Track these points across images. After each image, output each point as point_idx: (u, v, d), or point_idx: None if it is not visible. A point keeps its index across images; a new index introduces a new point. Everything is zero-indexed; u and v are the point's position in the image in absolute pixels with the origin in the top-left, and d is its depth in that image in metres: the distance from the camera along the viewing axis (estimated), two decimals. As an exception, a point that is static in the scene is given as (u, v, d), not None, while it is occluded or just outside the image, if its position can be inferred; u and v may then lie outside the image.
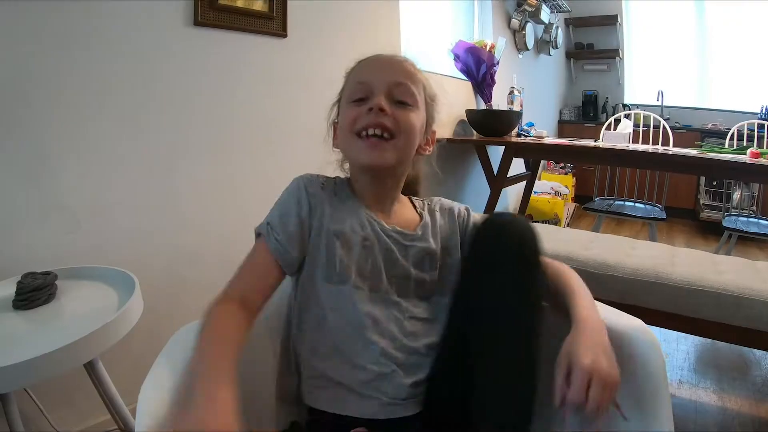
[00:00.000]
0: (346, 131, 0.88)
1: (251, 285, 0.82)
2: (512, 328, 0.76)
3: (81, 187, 1.36)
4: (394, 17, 2.58)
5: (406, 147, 0.88)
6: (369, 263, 0.86)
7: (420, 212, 0.98)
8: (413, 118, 0.88)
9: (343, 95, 0.93)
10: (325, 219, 0.86)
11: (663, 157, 2.48)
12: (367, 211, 0.90)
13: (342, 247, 0.84)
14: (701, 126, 5.10)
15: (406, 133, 0.87)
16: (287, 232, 0.84)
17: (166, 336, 0.80)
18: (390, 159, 0.86)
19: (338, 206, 0.89)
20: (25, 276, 1.06)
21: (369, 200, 0.93)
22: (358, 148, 0.87)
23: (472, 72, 3.33)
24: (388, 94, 0.86)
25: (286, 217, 0.86)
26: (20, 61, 1.21)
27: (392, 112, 0.85)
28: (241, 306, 0.77)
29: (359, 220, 0.88)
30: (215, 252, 1.73)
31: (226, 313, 0.75)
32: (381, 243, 0.87)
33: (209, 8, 1.60)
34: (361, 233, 0.86)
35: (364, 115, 0.85)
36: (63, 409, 1.35)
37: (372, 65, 0.92)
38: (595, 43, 5.87)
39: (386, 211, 0.94)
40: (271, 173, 1.89)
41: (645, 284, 1.63)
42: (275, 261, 0.84)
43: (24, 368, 0.80)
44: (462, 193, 3.54)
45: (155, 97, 1.51)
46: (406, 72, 0.90)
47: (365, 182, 0.93)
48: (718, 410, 1.79)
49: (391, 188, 0.94)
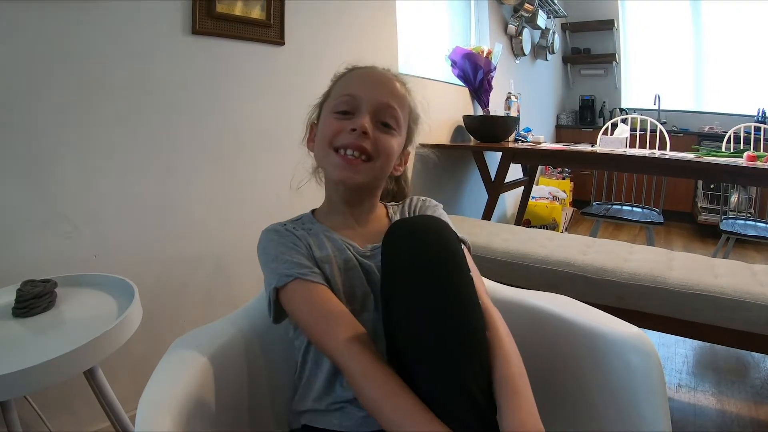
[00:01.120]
0: (324, 142, 0.87)
1: (334, 313, 0.76)
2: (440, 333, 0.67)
3: (80, 194, 1.36)
4: (391, 24, 2.59)
5: (381, 170, 0.88)
6: (354, 286, 0.84)
7: (391, 217, 0.97)
8: (393, 144, 0.87)
9: (329, 101, 0.91)
10: (312, 251, 0.85)
11: (660, 161, 2.49)
12: (341, 237, 0.89)
13: (330, 272, 0.83)
14: (698, 129, 5.13)
15: (384, 157, 0.86)
16: (307, 264, 0.81)
17: (165, 343, 0.81)
18: (362, 179, 0.86)
19: (315, 240, 0.87)
20: (25, 284, 1.06)
21: (343, 219, 0.92)
22: (333, 163, 0.85)
23: (469, 78, 3.35)
24: (373, 114, 0.85)
25: (295, 255, 0.82)
26: (21, 68, 1.22)
27: (374, 135, 0.84)
28: (357, 343, 0.71)
29: (337, 246, 0.86)
30: (215, 259, 1.74)
31: (366, 366, 0.69)
32: (362, 264, 0.86)
33: (207, 16, 1.61)
34: (342, 257, 0.85)
35: (346, 134, 0.84)
36: (63, 416, 1.35)
37: (363, 79, 0.90)
38: (591, 48, 5.90)
39: (361, 225, 0.93)
40: (269, 180, 1.89)
41: (642, 289, 1.64)
42: (324, 285, 0.80)
43: (24, 376, 0.80)
44: (460, 199, 3.55)
45: (154, 104, 1.51)
46: (395, 94, 0.88)
47: (340, 192, 0.91)
48: (717, 413, 1.79)
49: (365, 198, 0.93)
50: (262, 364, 0.92)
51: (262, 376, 0.92)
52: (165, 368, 0.75)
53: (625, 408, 0.79)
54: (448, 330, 0.66)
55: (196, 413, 0.70)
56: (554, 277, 1.79)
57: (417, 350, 0.67)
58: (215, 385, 0.79)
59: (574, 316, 0.94)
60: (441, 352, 0.65)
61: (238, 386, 0.86)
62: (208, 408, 0.75)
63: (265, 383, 0.92)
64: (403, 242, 0.72)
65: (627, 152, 2.71)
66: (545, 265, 1.81)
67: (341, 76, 0.93)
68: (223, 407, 0.80)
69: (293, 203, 1.21)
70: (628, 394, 0.79)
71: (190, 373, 0.75)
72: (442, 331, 0.66)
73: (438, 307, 0.67)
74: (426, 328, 0.67)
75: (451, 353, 0.66)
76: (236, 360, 0.87)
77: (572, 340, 0.92)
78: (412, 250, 0.71)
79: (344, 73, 0.94)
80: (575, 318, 0.93)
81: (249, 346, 0.90)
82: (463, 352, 0.66)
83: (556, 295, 1.04)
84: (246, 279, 1.84)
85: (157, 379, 0.72)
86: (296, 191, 1.00)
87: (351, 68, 0.94)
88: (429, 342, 0.66)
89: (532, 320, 0.89)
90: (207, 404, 0.75)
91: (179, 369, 0.75)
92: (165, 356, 0.78)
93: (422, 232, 0.72)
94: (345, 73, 0.93)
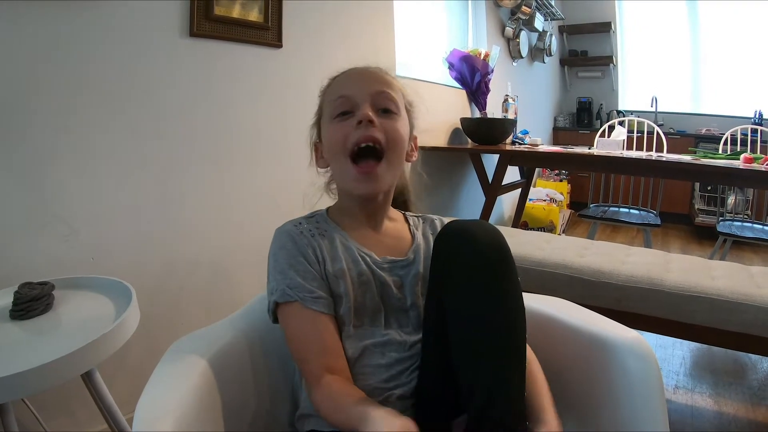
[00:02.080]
0: (336, 151, 0.86)
1: (327, 352, 0.79)
2: (491, 336, 0.72)
3: (77, 196, 1.36)
4: (388, 27, 2.60)
5: (397, 162, 0.88)
6: (367, 299, 0.85)
7: (413, 231, 0.96)
8: (400, 127, 0.88)
9: (324, 113, 0.91)
10: (326, 264, 0.84)
11: (657, 163, 2.49)
12: (358, 245, 0.88)
13: (344, 287, 0.83)
14: (695, 131, 5.14)
15: (396, 144, 0.86)
16: (313, 284, 0.82)
17: (163, 345, 0.81)
18: (385, 185, 0.87)
19: (329, 247, 0.86)
20: (22, 286, 1.06)
21: (359, 223, 0.92)
22: (353, 177, 0.85)
23: (467, 80, 3.35)
24: (372, 104, 0.86)
25: (301, 270, 0.82)
26: (18, 70, 1.22)
27: (379, 122, 0.85)
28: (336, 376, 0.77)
29: (352, 257, 0.86)
30: (212, 261, 1.74)
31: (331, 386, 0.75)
32: (376, 277, 0.86)
33: (205, 19, 1.61)
34: (356, 269, 0.85)
35: (354, 131, 0.84)
36: (60, 418, 1.35)
37: (350, 78, 0.91)
38: (589, 50, 5.91)
39: (378, 231, 0.93)
40: (267, 182, 1.90)
41: (640, 291, 1.64)
42: (324, 314, 0.81)
43: (21, 379, 0.80)
44: (457, 202, 3.55)
45: (151, 107, 1.51)
46: (384, 80, 0.90)
47: (355, 204, 0.91)
48: (715, 414, 1.79)
49: (382, 204, 0.93)
50: (261, 367, 0.92)
51: (261, 378, 0.92)
52: (163, 371, 0.75)
53: (623, 411, 0.79)
54: (500, 338, 0.71)
55: (194, 416, 0.70)
56: (551, 280, 1.79)
57: (467, 348, 0.72)
58: (213, 387, 0.79)
59: (571, 320, 0.94)
60: (490, 355, 0.70)
61: (237, 388, 0.86)
62: (207, 410, 0.75)
63: (264, 385, 0.92)
64: (461, 244, 0.76)
65: (624, 154, 2.72)
66: (542, 268, 1.82)
67: (327, 88, 0.94)
68: (221, 410, 0.80)
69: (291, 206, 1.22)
70: (626, 398, 0.79)
71: (188, 375, 0.75)
72: (494, 338, 0.71)
73: (492, 314, 0.72)
74: (475, 334, 0.72)
75: (500, 357, 0.70)
76: (235, 362, 0.87)
77: (570, 344, 0.92)
78: (467, 252, 0.74)
79: (329, 83, 0.94)
80: (573, 321, 0.94)
81: (248, 348, 0.90)
82: (511, 357, 0.71)
83: (554, 298, 1.04)
84: (244, 281, 1.84)
85: (155, 381, 0.72)
86: (294, 194, 1.00)
87: (334, 77, 0.95)
88: (480, 345, 0.71)
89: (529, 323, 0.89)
90: (205, 407, 0.75)
91: (177, 371, 0.75)
92: (163, 359, 0.78)
93: (482, 235, 0.75)
94: (330, 82, 0.94)
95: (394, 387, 0.81)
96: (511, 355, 0.71)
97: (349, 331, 0.83)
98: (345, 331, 0.83)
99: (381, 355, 0.83)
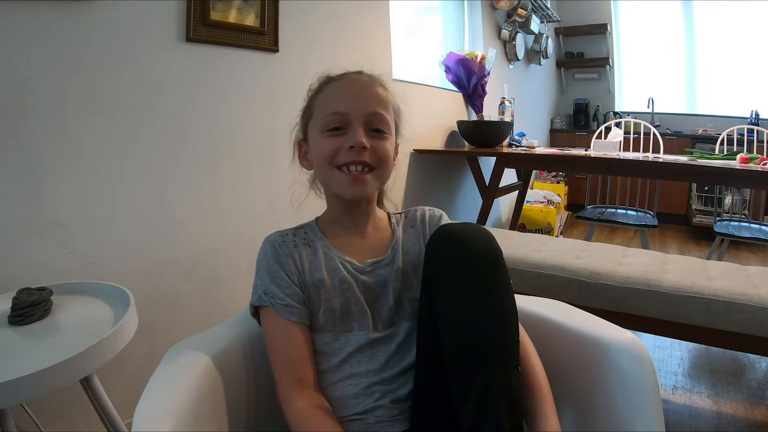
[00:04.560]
0: (323, 163, 0.87)
1: (294, 362, 0.82)
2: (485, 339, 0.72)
3: (75, 201, 1.36)
4: (385, 30, 2.61)
5: (384, 175, 0.90)
6: (352, 304, 0.86)
7: (394, 228, 0.97)
8: (389, 147, 0.88)
9: (314, 121, 0.90)
10: (305, 274, 0.86)
11: (653, 164, 2.50)
12: (339, 254, 0.90)
13: (324, 296, 0.85)
14: (692, 132, 5.16)
15: (385, 161, 0.88)
16: (286, 292, 0.84)
17: (162, 350, 0.81)
18: (371, 191, 0.88)
19: (311, 257, 0.88)
20: (21, 291, 1.06)
21: (344, 230, 0.93)
22: (339, 181, 0.86)
23: (463, 83, 3.36)
24: (365, 125, 0.85)
25: (277, 278, 0.85)
26: (14, 76, 1.22)
27: (371, 144, 0.85)
28: (303, 388, 0.80)
29: (333, 266, 0.88)
30: (210, 265, 1.74)
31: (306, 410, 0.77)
32: (359, 282, 0.87)
33: (201, 24, 1.62)
34: (338, 277, 0.87)
35: (345, 152, 0.84)
36: (59, 423, 1.35)
37: (345, 93, 0.88)
38: (585, 52, 5.93)
39: (363, 235, 0.94)
40: (264, 187, 1.90)
41: (637, 292, 1.65)
42: (294, 323, 0.83)
43: (20, 384, 0.80)
44: (454, 204, 3.56)
45: (148, 112, 1.52)
46: (379, 100, 0.88)
47: (341, 210, 0.93)
48: (713, 415, 1.79)
49: (365, 209, 0.94)
50: (259, 370, 0.92)
51: (258, 381, 0.92)
52: (162, 375, 0.75)
53: (619, 412, 0.79)
54: (489, 342, 0.72)
55: (193, 420, 0.70)
56: (549, 282, 1.80)
57: (457, 353, 0.73)
58: (211, 390, 0.79)
59: (566, 322, 0.95)
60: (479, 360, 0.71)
61: (235, 391, 0.86)
62: (205, 413, 0.76)
63: (262, 388, 0.92)
64: (450, 247, 0.77)
65: (621, 156, 2.72)
66: (540, 270, 1.82)
67: (318, 91, 0.93)
68: (219, 413, 0.80)
69: (287, 210, 1.22)
70: (622, 399, 0.80)
71: (187, 379, 0.75)
72: (482, 343, 0.71)
73: (481, 318, 0.72)
74: (468, 336, 0.72)
75: (490, 362, 0.71)
76: (232, 365, 0.87)
77: (565, 346, 0.93)
78: (456, 256, 0.75)
79: (321, 87, 0.93)
80: (570, 323, 0.94)
81: (245, 351, 0.90)
82: (501, 361, 0.71)
83: (548, 300, 1.05)
84: (241, 286, 1.84)
85: (153, 386, 0.72)
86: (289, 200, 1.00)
87: (325, 80, 0.94)
88: (470, 350, 0.72)
89: (526, 325, 0.90)
90: (203, 410, 0.75)
91: (176, 376, 0.75)
92: (161, 363, 0.78)
93: (471, 238, 0.76)
94: (322, 87, 0.93)
95: (385, 391, 0.82)
96: (502, 359, 0.71)
97: (335, 336, 0.85)
98: (328, 337, 0.85)
99: (369, 357, 0.84)
